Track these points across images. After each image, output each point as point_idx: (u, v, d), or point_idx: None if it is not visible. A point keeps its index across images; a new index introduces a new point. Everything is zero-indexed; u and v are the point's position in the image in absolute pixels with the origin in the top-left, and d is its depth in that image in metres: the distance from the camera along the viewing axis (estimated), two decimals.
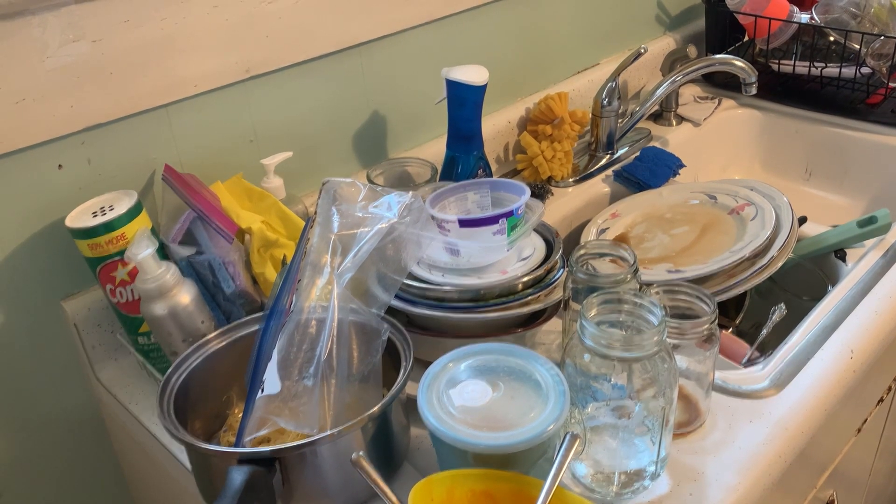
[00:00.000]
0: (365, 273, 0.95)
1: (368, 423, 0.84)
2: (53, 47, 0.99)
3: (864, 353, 1.09)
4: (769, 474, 0.92)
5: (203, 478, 0.90)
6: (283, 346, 0.90)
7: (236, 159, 1.22)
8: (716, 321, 0.92)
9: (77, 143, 1.05)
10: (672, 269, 1.26)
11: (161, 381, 0.91)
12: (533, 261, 1.06)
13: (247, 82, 1.19)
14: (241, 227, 1.07)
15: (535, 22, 1.62)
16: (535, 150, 1.52)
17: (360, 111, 1.37)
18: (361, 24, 1.30)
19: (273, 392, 0.88)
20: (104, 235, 1.00)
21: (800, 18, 1.74)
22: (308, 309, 0.92)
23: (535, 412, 0.80)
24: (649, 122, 1.80)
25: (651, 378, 0.82)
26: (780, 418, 0.97)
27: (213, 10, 1.11)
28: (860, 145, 1.67)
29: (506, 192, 1.11)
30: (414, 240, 1.00)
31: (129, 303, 1.04)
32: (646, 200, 1.48)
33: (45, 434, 1.16)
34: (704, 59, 1.57)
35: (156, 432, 1.03)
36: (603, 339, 0.81)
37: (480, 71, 1.29)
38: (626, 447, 0.85)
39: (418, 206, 1.00)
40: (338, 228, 0.95)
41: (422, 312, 1.01)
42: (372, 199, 0.99)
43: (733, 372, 1.06)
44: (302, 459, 0.82)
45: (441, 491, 0.78)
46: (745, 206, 1.36)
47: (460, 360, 0.88)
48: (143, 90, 1.08)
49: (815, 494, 1.25)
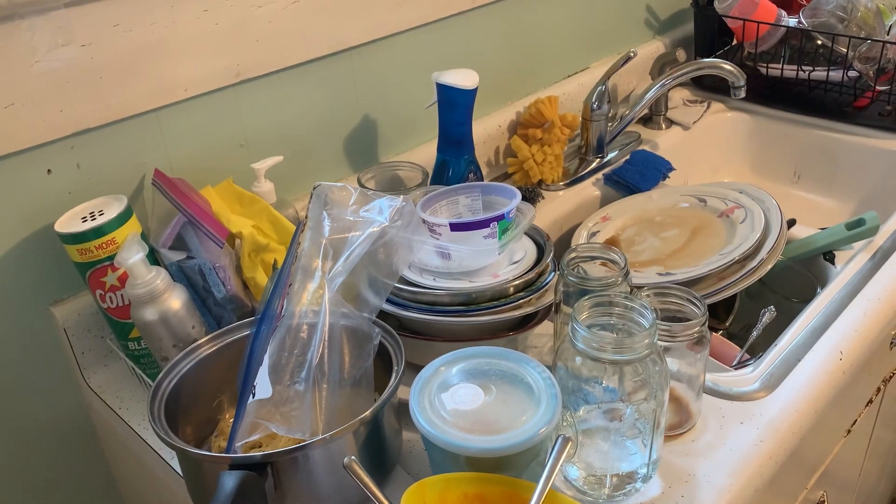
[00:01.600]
0: (356, 277, 0.95)
1: (360, 427, 0.84)
2: (43, 51, 0.99)
3: (853, 354, 1.10)
4: (760, 475, 0.92)
5: (194, 483, 0.90)
6: (274, 350, 0.90)
7: (227, 164, 1.22)
8: (706, 324, 0.92)
9: (66, 148, 1.05)
10: (662, 272, 1.26)
11: (152, 386, 0.91)
12: (524, 264, 1.06)
13: (237, 86, 1.19)
14: (232, 231, 1.07)
15: (525, 26, 1.62)
16: (525, 153, 1.52)
17: (351, 115, 1.38)
18: (352, 28, 1.30)
19: (264, 396, 0.88)
20: (94, 240, 1.00)
21: (787, 22, 1.75)
22: (299, 313, 0.91)
23: (527, 415, 0.81)
24: (639, 126, 1.81)
25: (642, 380, 0.82)
26: (771, 420, 0.98)
27: (204, 15, 1.11)
28: (848, 148, 1.68)
29: (497, 195, 1.11)
30: (405, 244, 1.00)
31: (120, 308, 1.04)
32: (636, 204, 1.49)
33: (36, 439, 1.16)
34: (693, 63, 1.58)
35: (146, 437, 1.03)
36: (594, 341, 0.81)
37: (471, 75, 1.29)
38: (617, 450, 0.85)
39: (409, 210, 1.00)
40: (329, 233, 0.95)
41: (413, 316, 1.01)
42: (363, 203, 0.99)
43: (724, 374, 1.06)
44: (294, 464, 0.82)
45: (433, 494, 0.78)
46: (735, 208, 1.36)
47: (452, 364, 0.88)
48: (134, 94, 1.08)
49: (806, 496, 1.26)
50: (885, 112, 1.71)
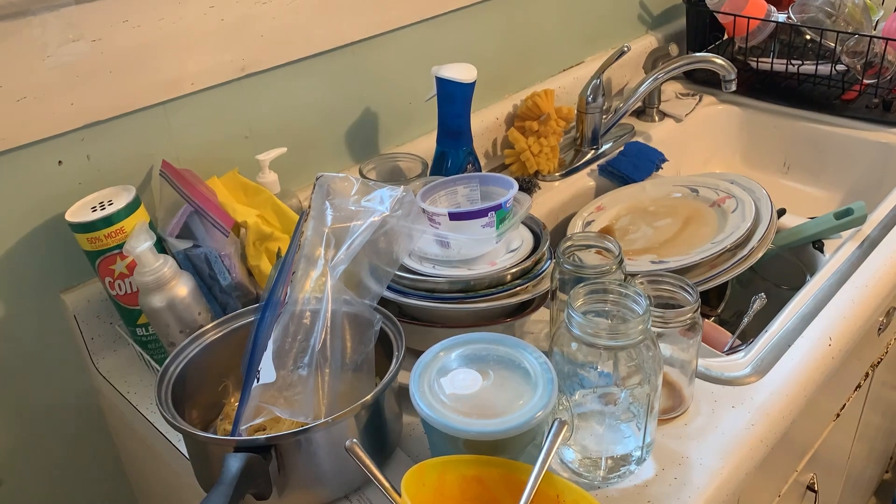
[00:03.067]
0: (358, 265, 0.96)
1: (362, 411, 0.85)
2: (53, 47, 0.99)
3: (842, 340, 1.11)
4: (751, 458, 0.93)
5: (200, 465, 0.91)
6: (278, 336, 0.90)
7: (232, 155, 1.23)
8: (698, 310, 0.93)
9: (77, 140, 1.06)
10: (656, 260, 1.27)
11: (159, 371, 0.92)
12: (521, 252, 1.07)
13: (242, 80, 1.20)
14: (237, 220, 1.08)
15: (522, 21, 1.63)
16: (522, 145, 1.53)
17: (353, 108, 1.38)
18: (353, 23, 1.30)
19: (269, 381, 0.88)
20: (103, 229, 1.01)
21: (777, 17, 1.76)
22: (302, 300, 0.92)
23: (524, 399, 0.81)
24: (633, 118, 1.82)
25: (636, 366, 0.83)
26: (762, 404, 0.98)
27: (210, 11, 1.12)
28: (836, 140, 1.69)
29: (494, 185, 1.11)
30: (405, 232, 1.00)
31: (128, 295, 1.05)
32: (630, 194, 1.50)
33: (45, 423, 1.17)
34: (685, 57, 1.58)
35: (154, 421, 1.04)
36: (589, 328, 0.82)
37: (469, 69, 1.30)
38: (612, 433, 0.86)
39: (409, 200, 1.00)
40: (331, 222, 0.96)
41: (413, 303, 1.01)
42: (364, 193, 0.99)
43: (716, 359, 1.07)
44: (297, 447, 0.83)
45: (433, 476, 0.79)
46: (726, 198, 1.37)
47: (451, 350, 0.88)
48: (142, 88, 1.09)
49: (796, 478, 1.26)
50: (872, 105, 1.72)
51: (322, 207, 0.97)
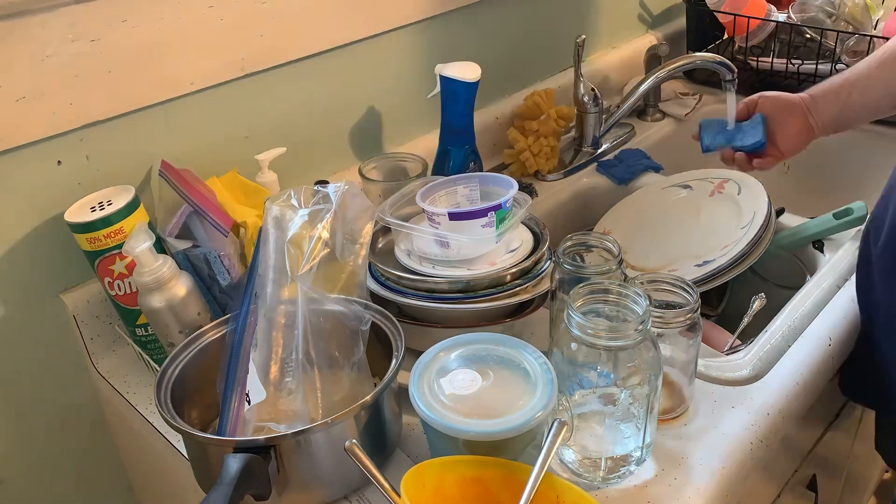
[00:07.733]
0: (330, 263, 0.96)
1: (361, 411, 0.85)
2: (53, 46, 0.99)
3: (841, 340, 1.11)
4: (751, 458, 0.93)
5: (200, 466, 0.91)
6: (258, 355, 0.91)
7: (231, 155, 1.23)
8: (698, 310, 0.92)
9: (76, 140, 1.06)
10: (699, 263, 1.27)
11: (158, 371, 0.92)
12: (521, 252, 1.06)
13: (242, 80, 1.20)
14: (237, 220, 1.08)
15: (522, 21, 1.63)
16: (521, 145, 1.53)
17: (353, 107, 1.38)
18: (353, 22, 1.30)
19: (260, 399, 0.89)
20: (102, 230, 1.00)
21: (777, 17, 1.76)
22: (279, 311, 0.93)
23: (524, 400, 0.81)
24: (633, 118, 1.82)
25: (636, 366, 0.83)
26: (762, 404, 0.98)
27: (209, 11, 1.12)
28: (836, 139, 1.68)
29: (494, 185, 1.11)
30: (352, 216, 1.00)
31: (127, 295, 1.05)
32: (629, 211, 1.49)
33: (45, 423, 1.17)
34: (686, 57, 1.57)
35: (153, 421, 1.04)
36: (589, 328, 0.82)
37: (474, 68, 1.29)
38: (612, 433, 0.86)
39: (354, 192, 0.99)
40: (289, 237, 0.95)
41: (413, 303, 1.02)
42: (308, 197, 0.98)
43: (716, 359, 1.06)
44: (297, 447, 0.83)
45: (432, 477, 0.79)
46: (723, 182, 1.38)
47: (451, 350, 0.88)
48: (141, 88, 1.09)
49: (796, 478, 1.27)
50: None
51: (277, 228, 0.96)
